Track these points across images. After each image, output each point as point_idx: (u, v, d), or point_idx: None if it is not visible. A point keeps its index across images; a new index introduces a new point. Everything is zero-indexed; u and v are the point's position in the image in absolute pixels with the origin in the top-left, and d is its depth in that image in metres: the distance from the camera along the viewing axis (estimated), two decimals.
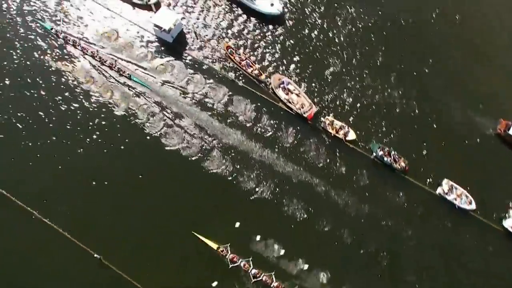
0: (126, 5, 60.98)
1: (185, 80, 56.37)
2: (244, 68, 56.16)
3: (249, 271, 46.99)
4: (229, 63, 57.20)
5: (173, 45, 58.40)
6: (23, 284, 46.84)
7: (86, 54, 57.45)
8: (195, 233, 48.25)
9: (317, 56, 58.00)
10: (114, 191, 50.45)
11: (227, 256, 47.54)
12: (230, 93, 55.66)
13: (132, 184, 50.95)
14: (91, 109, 54.49)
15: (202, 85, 56.12)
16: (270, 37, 59.17)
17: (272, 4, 59.13)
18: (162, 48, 58.44)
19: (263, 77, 55.64)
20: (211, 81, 56.33)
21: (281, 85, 54.98)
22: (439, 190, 50.16)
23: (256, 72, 55.80)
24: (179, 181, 51.22)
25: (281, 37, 59.13)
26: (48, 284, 47.09)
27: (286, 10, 60.81)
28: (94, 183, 50.70)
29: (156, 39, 58.89)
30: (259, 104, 55.07)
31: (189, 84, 56.15)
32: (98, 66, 56.90)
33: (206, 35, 59.25)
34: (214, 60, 57.60)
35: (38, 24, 58.97)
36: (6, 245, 48.03)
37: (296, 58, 57.83)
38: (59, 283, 47.00)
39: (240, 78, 56.26)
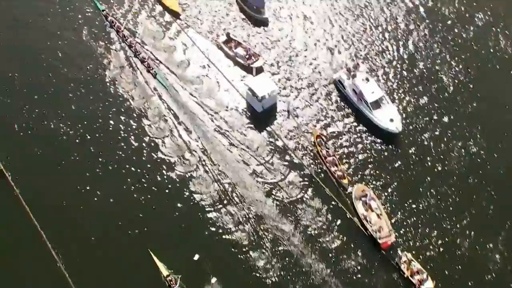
0: (225, 59, 57.30)
1: (259, 156, 50.01)
2: (328, 164, 48.80)
3: None
4: (313, 153, 50.38)
5: (260, 115, 52.80)
6: None
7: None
8: None
9: (418, 186, 48.77)
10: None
11: None
12: (303, 185, 48.28)
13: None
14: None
15: (276, 167, 49.40)
16: (371, 147, 51.25)
17: (391, 120, 50.90)
18: (247, 114, 53.00)
19: (345, 181, 47.84)
20: (287, 166, 49.55)
21: (363, 198, 46.90)
22: None
23: (340, 173, 48.13)
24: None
25: (384, 152, 50.90)
26: None
27: (405, 129, 52.23)
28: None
29: (245, 104, 53.72)
30: (330, 209, 46.94)
31: (261, 162, 49.69)
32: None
33: (300, 118, 53.10)
34: (298, 146, 51.03)
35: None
36: None
37: (392, 178, 49.19)
38: None
39: (320, 174, 48.93)
